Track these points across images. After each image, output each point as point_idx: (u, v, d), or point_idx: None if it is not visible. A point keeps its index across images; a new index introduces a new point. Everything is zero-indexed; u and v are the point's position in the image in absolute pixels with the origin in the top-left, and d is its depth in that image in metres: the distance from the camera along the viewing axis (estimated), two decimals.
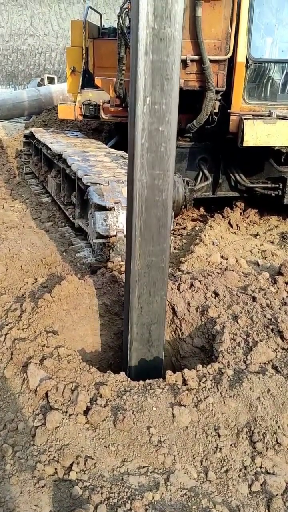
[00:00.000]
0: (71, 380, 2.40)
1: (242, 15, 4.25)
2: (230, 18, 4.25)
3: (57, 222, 5.38)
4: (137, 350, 2.69)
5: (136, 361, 2.70)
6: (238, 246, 4.65)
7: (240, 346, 2.74)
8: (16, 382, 2.45)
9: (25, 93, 13.17)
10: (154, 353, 2.73)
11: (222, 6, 4.16)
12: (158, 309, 2.62)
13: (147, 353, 2.71)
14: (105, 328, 3.21)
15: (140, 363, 2.71)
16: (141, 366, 2.71)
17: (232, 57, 4.42)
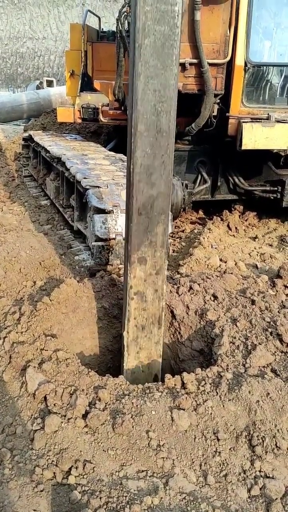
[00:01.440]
0: (70, 384, 2.39)
1: (241, 19, 4.26)
2: (229, 21, 4.26)
3: (56, 225, 5.38)
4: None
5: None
6: (237, 249, 4.65)
7: (239, 350, 2.74)
8: (15, 386, 2.44)
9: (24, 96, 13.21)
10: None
11: (221, 10, 4.17)
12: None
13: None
14: (104, 331, 3.20)
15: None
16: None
17: (230, 61, 4.43)
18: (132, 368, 2.70)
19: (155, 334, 2.67)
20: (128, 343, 2.65)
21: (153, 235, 2.43)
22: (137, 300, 2.57)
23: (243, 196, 5.65)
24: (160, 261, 2.50)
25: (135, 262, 2.47)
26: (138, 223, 2.39)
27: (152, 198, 2.32)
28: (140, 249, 2.45)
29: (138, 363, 2.71)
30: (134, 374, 2.69)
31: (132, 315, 2.59)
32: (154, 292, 2.57)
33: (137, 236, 2.42)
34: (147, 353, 2.69)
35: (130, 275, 2.50)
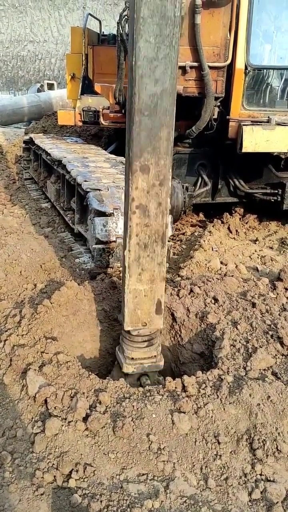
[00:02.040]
0: (70, 387, 2.39)
1: (241, 23, 4.28)
2: (229, 25, 4.27)
3: (57, 227, 5.38)
4: None
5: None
6: (237, 252, 4.65)
7: (239, 352, 2.73)
8: (15, 389, 2.44)
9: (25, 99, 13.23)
10: None
11: (221, 13, 4.19)
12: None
13: None
14: (104, 334, 3.20)
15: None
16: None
17: (231, 64, 4.44)
18: (134, 292, 2.51)
19: (158, 253, 2.46)
20: (129, 264, 2.44)
21: (157, 140, 2.20)
22: (139, 215, 2.34)
23: (244, 198, 5.65)
24: (164, 170, 2.28)
25: (137, 170, 2.25)
26: (141, 125, 2.15)
27: (156, 96, 2.12)
28: (143, 156, 2.23)
29: (140, 287, 2.52)
30: (136, 299, 2.53)
31: (134, 232, 2.38)
32: (158, 206, 2.35)
33: (139, 141, 2.19)
34: (149, 275, 2.49)
35: (131, 186, 2.28)
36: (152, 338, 2.68)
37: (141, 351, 2.66)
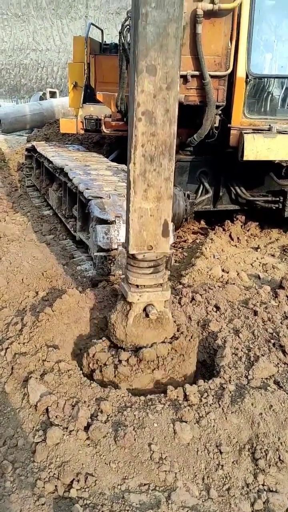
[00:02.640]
0: (72, 396, 2.39)
1: (242, 32, 4.31)
2: (230, 34, 4.31)
3: (58, 235, 5.39)
4: None
5: None
6: (239, 259, 4.65)
7: (241, 361, 2.73)
8: (17, 397, 2.44)
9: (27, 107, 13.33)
10: None
11: (222, 23, 4.22)
12: None
13: None
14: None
15: None
16: None
17: (232, 73, 4.47)
18: (139, 211, 2.37)
19: (165, 168, 2.30)
20: (134, 178, 2.29)
21: (164, 36, 2.06)
22: (145, 122, 2.19)
23: (245, 206, 5.66)
24: (172, 71, 2.14)
25: (143, 71, 2.09)
26: (147, 18, 2.03)
27: None
28: (149, 55, 2.07)
29: (146, 205, 2.37)
30: (141, 220, 2.38)
31: (140, 142, 2.22)
32: (165, 113, 2.20)
33: (145, 36, 2.04)
34: (156, 192, 2.35)
35: (137, 89, 2.13)
36: (158, 265, 2.53)
37: (146, 278, 2.51)
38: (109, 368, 2.54)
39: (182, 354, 2.63)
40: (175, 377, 2.63)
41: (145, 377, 2.55)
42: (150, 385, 2.57)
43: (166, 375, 2.59)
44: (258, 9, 4.43)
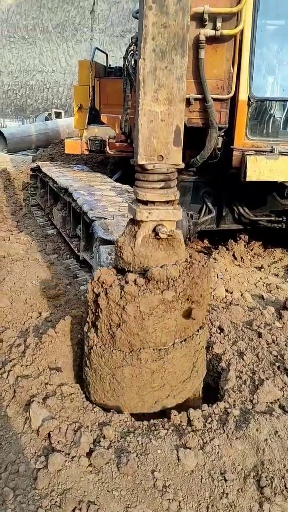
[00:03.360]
0: (74, 420, 2.36)
1: (244, 57, 4.39)
2: (232, 59, 4.39)
3: (62, 254, 5.41)
4: None
5: None
6: (242, 279, 4.64)
7: (246, 385, 2.70)
8: (19, 422, 2.41)
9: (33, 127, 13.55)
10: None
11: (224, 48, 4.30)
12: None
13: None
14: None
15: None
16: None
17: (234, 96, 4.53)
18: (148, 115, 2.20)
19: (178, 65, 2.15)
20: (144, 77, 2.14)
21: None
22: (156, 12, 2.04)
23: (248, 226, 5.67)
24: None
25: None
26: None
27: None
28: None
29: (157, 108, 2.20)
30: (151, 125, 2.23)
31: (150, 34, 2.07)
32: (178, 1, 2.07)
33: None
34: (167, 93, 2.18)
35: None
36: (169, 179, 2.37)
37: (156, 193, 2.34)
38: (115, 289, 2.33)
39: (194, 278, 2.40)
40: (186, 302, 2.40)
41: (154, 297, 2.30)
42: (160, 307, 2.32)
43: (177, 298, 2.35)
44: (259, 34, 4.53)
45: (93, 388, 2.56)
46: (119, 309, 2.32)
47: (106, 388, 2.49)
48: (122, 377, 2.43)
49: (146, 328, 2.33)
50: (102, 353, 2.45)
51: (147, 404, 2.49)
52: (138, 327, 2.32)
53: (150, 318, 2.31)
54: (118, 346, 2.41)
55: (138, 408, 2.49)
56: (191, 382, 2.58)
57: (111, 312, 2.36)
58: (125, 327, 2.33)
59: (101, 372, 2.48)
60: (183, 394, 2.55)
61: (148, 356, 2.39)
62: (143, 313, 2.29)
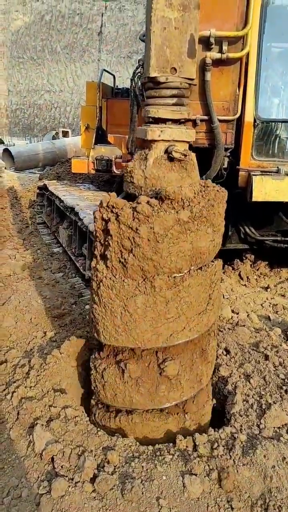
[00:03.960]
0: (78, 444, 2.32)
1: (250, 79, 4.44)
2: (238, 81, 4.45)
3: (68, 273, 5.42)
4: None
5: None
6: (248, 300, 4.61)
7: (253, 409, 2.65)
8: (22, 445, 2.38)
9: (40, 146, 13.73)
10: None
11: (230, 71, 4.36)
12: None
13: None
14: None
15: None
16: None
17: (240, 117, 4.58)
18: (161, 21, 2.08)
19: None
20: None
21: None
22: None
23: (255, 245, 5.66)
24: None
25: None
26: None
27: None
28: None
29: (170, 14, 2.07)
30: (164, 32, 2.12)
31: None
32: None
33: None
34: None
35: None
36: (182, 95, 2.25)
37: (168, 109, 2.24)
38: (126, 211, 2.16)
39: (210, 200, 2.28)
40: (202, 225, 2.26)
41: (169, 217, 2.15)
42: (175, 228, 2.15)
43: (193, 218, 2.20)
44: (265, 57, 4.60)
45: (102, 326, 2.35)
46: (131, 233, 2.15)
47: (117, 323, 2.29)
48: (134, 308, 2.23)
49: (161, 251, 2.16)
50: (113, 285, 2.24)
51: (161, 338, 2.28)
52: (152, 251, 2.15)
53: (164, 240, 2.14)
54: (130, 275, 2.23)
55: (152, 342, 2.29)
56: (207, 315, 2.41)
57: (122, 237, 2.18)
58: (137, 252, 2.16)
59: (111, 305, 2.28)
60: (199, 327, 2.37)
61: (163, 283, 2.21)
62: (158, 234, 2.13)
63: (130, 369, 2.35)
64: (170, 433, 2.51)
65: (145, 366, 2.40)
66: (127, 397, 2.39)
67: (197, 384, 2.50)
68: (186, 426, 2.55)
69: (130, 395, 2.38)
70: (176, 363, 2.38)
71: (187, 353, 2.47)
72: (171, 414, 2.53)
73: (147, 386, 2.36)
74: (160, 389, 2.36)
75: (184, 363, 2.43)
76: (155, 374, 2.38)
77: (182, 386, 2.41)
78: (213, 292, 2.44)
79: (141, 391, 2.36)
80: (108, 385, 2.42)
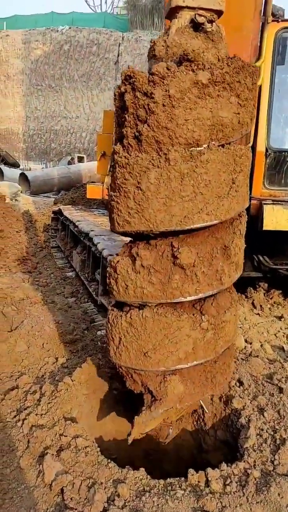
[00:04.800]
0: (88, 476, 2.29)
1: (262, 110, 4.52)
2: None
3: (80, 298, 5.43)
4: None
5: None
6: (262, 329, 4.55)
7: (267, 443, 2.59)
8: (31, 474, 2.35)
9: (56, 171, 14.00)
10: None
11: None
12: None
13: None
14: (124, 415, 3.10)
15: None
16: None
17: (252, 146, 4.63)
18: None
19: None
20: None
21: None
22: None
23: (268, 274, 5.62)
24: None
25: None
26: None
27: None
28: None
29: None
30: None
31: None
32: None
33: None
34: None
35: None
36: None
37: None
38: (141, 75, 2.05)
39: (236, 68, 2.10)
40: (225, 92, 2.08)
41: (186, 77, 1.98)
42: (192, 91, 1.99)
43: (213, 82, 2.03)
44: (277, 88, 4.69)
45: (116, 212, 2.21)
46: (146, 100, 2.02)
47: (130, 204, 2.14)
48: (147, 185, 2.08)
49: (176, 119, 2.01)
50: (127, 162, 2.10)
51: (175, 219, 2.10)
52: (167, 118, 2.01)
53: (181, 105, 1.99)
54: (145, 149, 2.09)
55: (165, 223, 2.11)
56: (229, 201, 2.19)
57: (137, 106, 2.05)
58: (152, 121, 2.02)
59: (125, 186, 2.13)
60: (218, 213, 2.16)
61: (178, 155, 2.05)
62: (173, 98, 1.98)
63: (142, 256, 2.19)
64: (183, 337, 2.25)
65: (159, 255, 2.22)
66: (138, 288, 2.22)
67: (217, 282, 2.27)
68: (203, 328, 2.29)
69: (141, 286, 2.21)
70: (191, 251, 2.18)
71: (206, 246, 2.26)
72: (185, 312, 2.31)
73: (159, 276, 2.19)
74: (173, 280, 2.17)
75: (202, 255, 2.23)
76: (168, 263, 2.20)
77: (198, 279, 2.20)
78: (237, 177, 2.23)
79: (152, 280, 2.19)
80: (120, 278, 2.26)
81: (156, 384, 2.36)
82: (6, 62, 28.37)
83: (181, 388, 2.35)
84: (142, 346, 2.28)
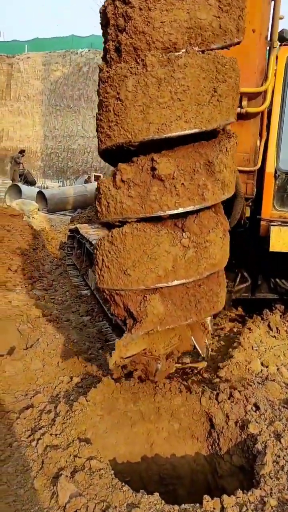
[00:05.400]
0: (102, 499, 2.27)
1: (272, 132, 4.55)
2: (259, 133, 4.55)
3: (95, 316, 5.45)
4: None
5: None
6: (278, 352, 4.49)
7: (283, 471, 2.54)
8: (45, 496, 2.34)
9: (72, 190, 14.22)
10: None
11: (250, 124, 4.46)
12: None
13: None
14: (139, 437, 3.07)
15: None
16: None
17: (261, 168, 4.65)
18: None
19: None
20: None
21: None
22: None
23: (284, 295, 5.58)
24: None
25: None
26: None
27: None
28: None
29: None
30: None
31: None
32: None
33: None
34: None
35: None
36: None
37: None
38: None
39: None
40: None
41: None
42: None
43: None
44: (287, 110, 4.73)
45: (100, 130, 2.29)
46: (125, 7, 2.08)
47: (111, 117, 2.16)
48: (125, 94, 2.09)
49: (153, 21, 2.03)
50: (108, 76, 2.16)
51: (152, 127, 2.08)
52: (143, 21, 2.04)
53: (157, 6, 2.03)
54: (124, 58, 2.13)
55: (143, 132, 2.10)
56: (210, 109, 2.15)
57: (117, 16, 2.12)
58: (130, 26, 2.05)
59: (106, 100, 2.17)
60: (198, 121, 2.13)
61: (155, 60, 2.05)
62: (149, 0, 2.05)
63: (122, 170, 2.20)
64: (162, 253, 2.22)
65: (139, 169, 2.22)
66: (118, 204, 2.23)
67: (198, 197, 2.22)
68: (184, 245, 2.26)
69: (121, 201, 2.21)
70: (170, 162, 2.16)
71: (188, 160, 2.24)
72: (165, 228, 2.29)
73: (138, 190, 2.19)
74: (151, 192, 2.16)
75: (183, 168, 2.20)
76: (148, 176, 2.19)
77: (177, 192, 2.18)
78: (220, 86, 2.18)
79: (131, 194, 2.18)
80: (103, 197, 2.28)
81: (136, 304, 2.36)
82: (27, 83, 29.16)
83: (161, 308, 2.32)
84: (122, 264, 2.27)
